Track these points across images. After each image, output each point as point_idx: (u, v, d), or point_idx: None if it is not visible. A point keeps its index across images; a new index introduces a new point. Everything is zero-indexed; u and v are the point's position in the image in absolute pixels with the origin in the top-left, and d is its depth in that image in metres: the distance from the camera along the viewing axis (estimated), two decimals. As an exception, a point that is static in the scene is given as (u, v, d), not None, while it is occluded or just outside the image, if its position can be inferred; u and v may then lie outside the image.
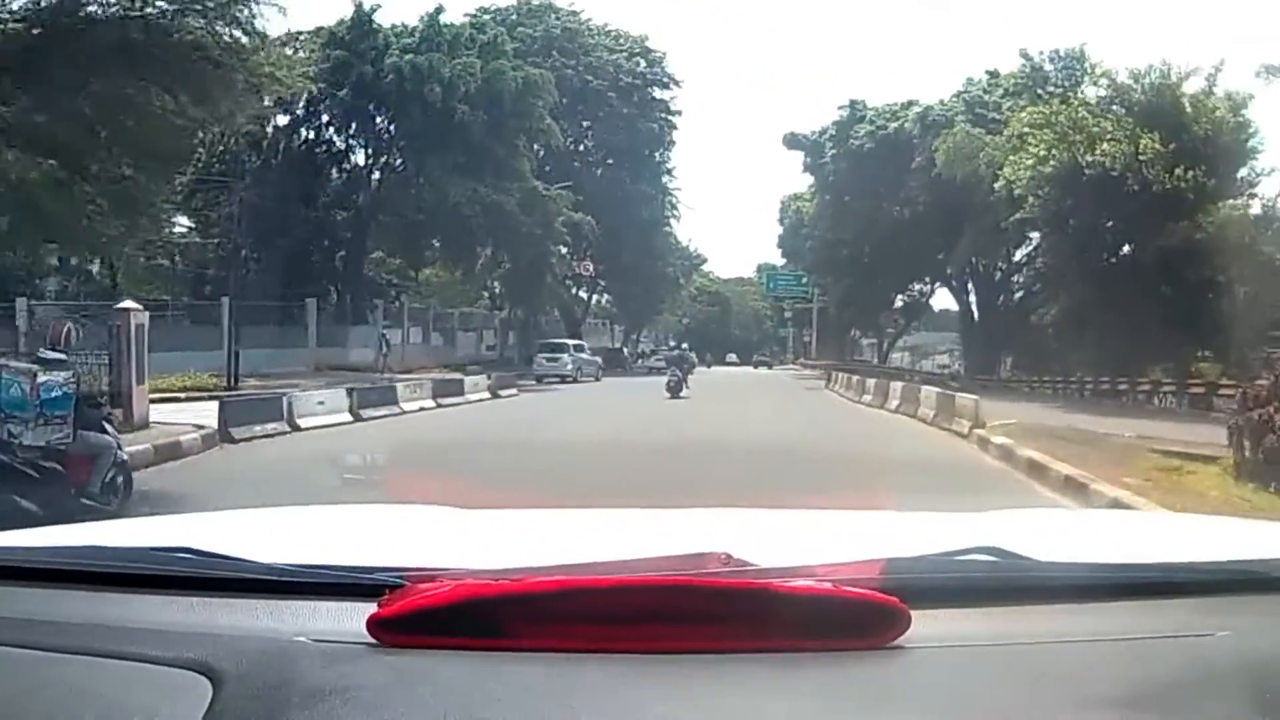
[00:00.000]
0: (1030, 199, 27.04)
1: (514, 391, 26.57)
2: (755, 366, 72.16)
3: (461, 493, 2.67)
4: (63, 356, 7.31)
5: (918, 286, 55.92)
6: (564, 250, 47.81)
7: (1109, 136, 25.49)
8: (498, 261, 42.80)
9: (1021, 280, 44.03)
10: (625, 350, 60.07)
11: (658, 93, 54.36)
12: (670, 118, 55.07)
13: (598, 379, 38.46)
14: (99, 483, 7.19)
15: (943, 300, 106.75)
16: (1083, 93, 30.12)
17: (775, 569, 1.14)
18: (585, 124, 52.36)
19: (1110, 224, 26.74)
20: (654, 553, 1.17)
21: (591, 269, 53.02)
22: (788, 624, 1.00)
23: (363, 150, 40.33)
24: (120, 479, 7.57)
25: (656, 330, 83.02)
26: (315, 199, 37.84)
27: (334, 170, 40.41)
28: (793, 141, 50.89)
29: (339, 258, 40.25)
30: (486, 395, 24.64)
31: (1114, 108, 27.04)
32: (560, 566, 1.13)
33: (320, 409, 16.24)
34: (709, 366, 61.21)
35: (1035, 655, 1.05)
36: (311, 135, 39.36)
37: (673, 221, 59.53)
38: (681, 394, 23.74)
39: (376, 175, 40.08)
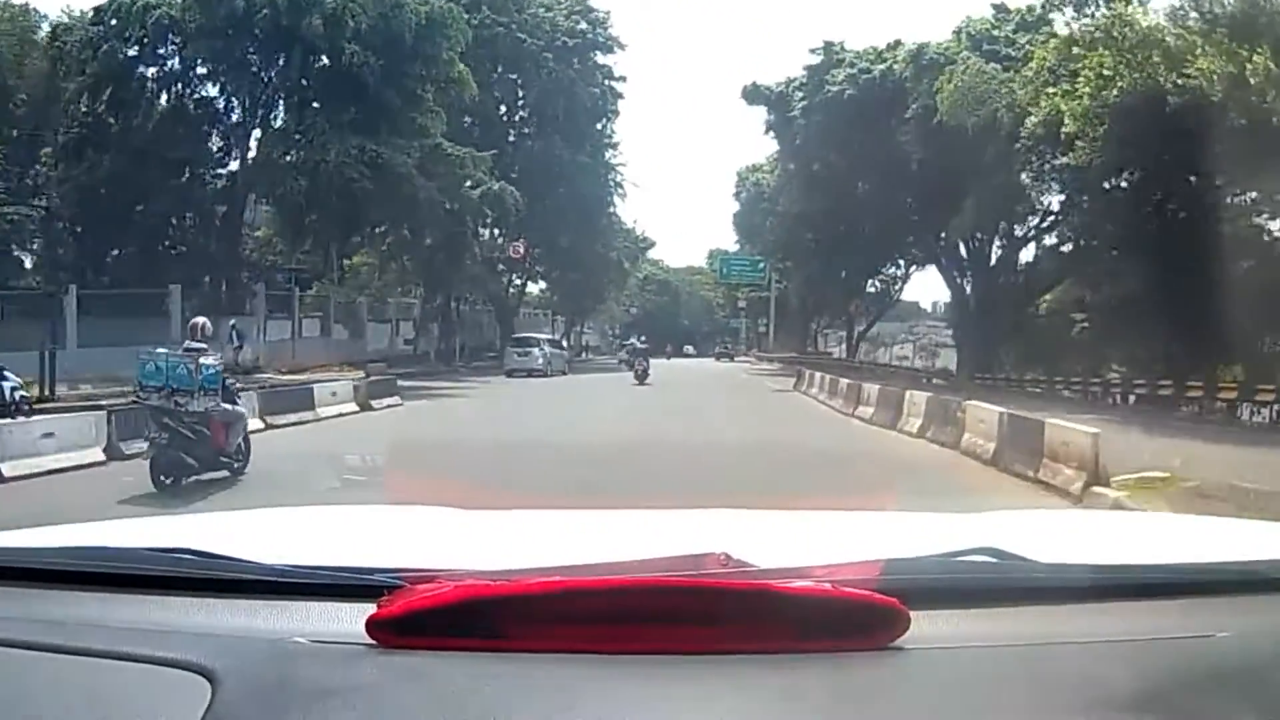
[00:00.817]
0: (1078, 142, 20.20)
1: (394, 401, 19.26)
2: (718, 359, 68.42)
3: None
4: (204, 345, 9.44)
5: (891, 270, 50.21)
6: (485, 226, 42.45)
7: (1202, 52, 17.95)
8: (408, 241, 35.94)
9: (1032, 257, 36.48)
10: (566, 343, 53.22)
11: (600, 57, 47.87)
12: (614, 85, 48.82)
13: (565, 373, 36.27)
14: (234, 445, 9.35)
15: (916, 287, 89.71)
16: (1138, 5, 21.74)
17: (775, 570, 1.14)
18: (518, 87, 46.20)
19: (1194, 177, 19.95)
20: (653, 553, 1.17)
21: (523, 251, 45.99)
22: (787, 625, 1.00)
23: (240, 105, 32.70)
24: (245, 444, 9.66)
25: (601, 321, 79.18)
26: (182, 166, 31.12)
27: (212, 131, 33.23)
28: (754, 95, 42.10)
29: (212, 236, 33.10)
30: (352, 408, 17.48)
31: (1190, 18, 19.49)
32: (559, 567, 1.13)
33: (47, 446, 10.31)
34: (668, 358, 56.82)
35: (1035, 656, 1.05)
36: (183, 89, 32.49)
37: (617, 201, 53.36)
38: (646, 381, 28.84)
39: (257, 135, 32.87)
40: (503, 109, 46.39)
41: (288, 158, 30.71)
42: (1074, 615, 1.15)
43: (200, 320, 10.17)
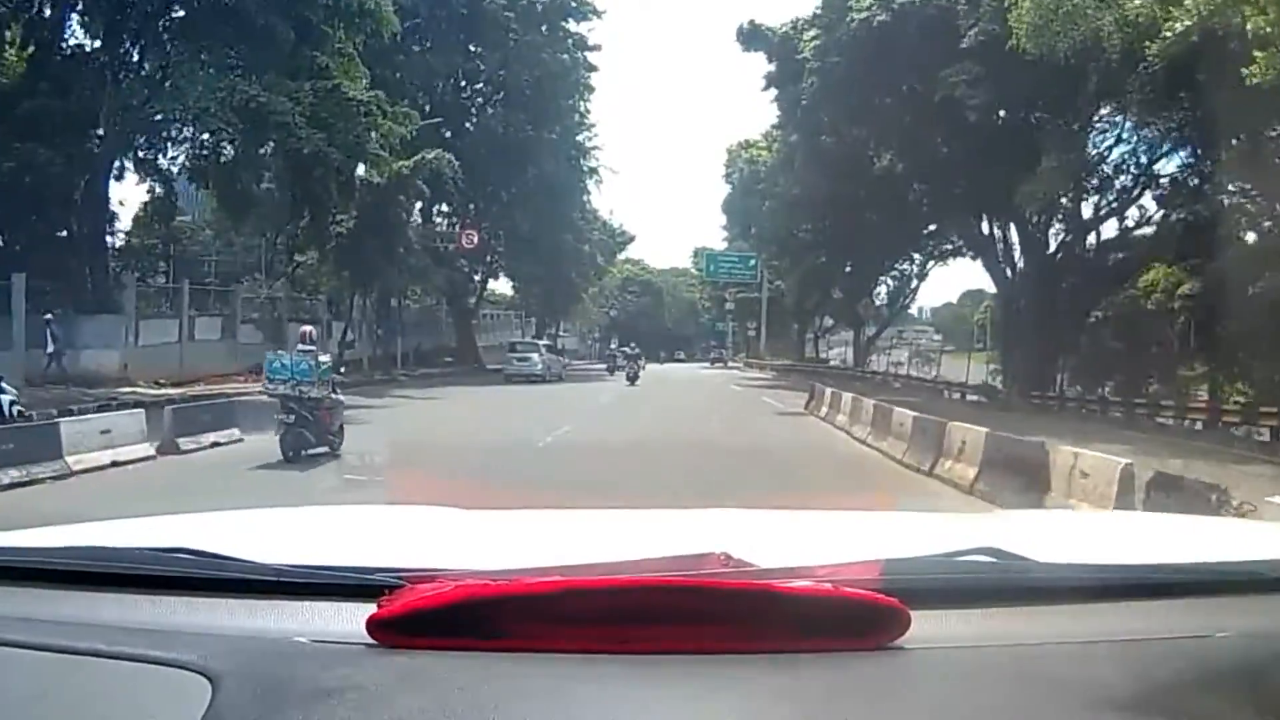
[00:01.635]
0: (1259, 53, 13.67)
1: (229, 436, 13.24)
2: (712, 364, 65.51)
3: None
4: (313, 348, 11.99)
5: (903, 266, 44.96)
6: (432, 208, 37.93)
7: None
8: (314, 220, 28.52)
9: (1103, 240, 27.67)
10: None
11: (573, 24, 42.24)
12: (587, 56, 43.34)
13: (561, 378, 35.73)
14: (336, 426, 11.89)
15: (936, 286, 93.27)
16: None
17: (775, 569, 1.14)
18: (476, 56, 40.19)
19: None
20: (654, 553, 1.17)
21: (476, 239, 39.44)
22: (787, 624, 1.00)
23: (107, 49, 24.71)
24: (341, 428, 12.08)
25: (580, 324, 73.97)
26: (34, 124, 22.14)
27: (75, 81, 24.24)
28: (753, 38, 32.59)
29: (73, 215, 24.95)
30: (142, 453, 11.65)
31: None
32: (560, 567, 1.13)
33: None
34: (660, 364, 56.27)
35: (1035, 656, 1.05)
36: (42, 32, 24.46)
37: (591, 188, 48.35)
38: (636, 382, 33.68)
39: (124, 83, 24.79)
40: (453, 80, 40.47)
41: (151, 108, 24.11)
42: (1074, 615, 1.15)
43: (308, 329, 13.09)
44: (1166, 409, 21.18)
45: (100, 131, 24.37)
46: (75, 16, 24.92)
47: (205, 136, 26.07)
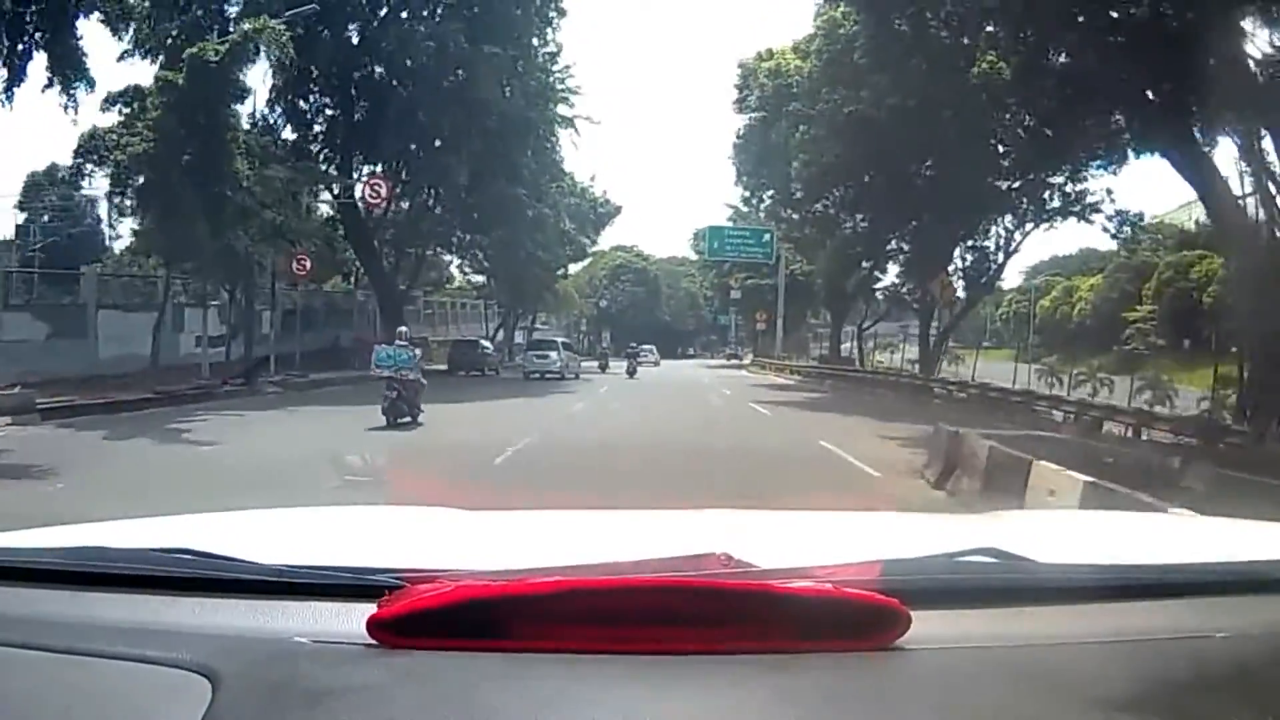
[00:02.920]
0: None
1: None
2: (728, 359, 59.92)
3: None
4: (407, 344, 16.27)
5: (988, 227, 30.50)
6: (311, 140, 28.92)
7: None
8: None
9: None
10: (486, 345, 38.88)
11: None
12: None
13: (577, 376, 34.42)
14: (419, 403, 15.63)
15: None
16: None
17: (775, 570, 1.14)
18: None
19: None
20: (654, 554, 1.17)
21: (384, 191, 30.56)
22: (788, 625, 1.00)
23: None
24: (420, 404, 15.74)
25: (560, 315, 63.10)
26: None
27: None
28: None
29: None
30: None
31: None
32: (560, 567, 1.13)
33: None
34: (656, 365, 49.75)
35: (1035, 656, 1.06)
36: None
37: (566, 141, 37.44)
38: (636, 375, 36.85)
39: None
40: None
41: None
42: (1074, 615, 1.15)
43: (403, 329, 17.51)
44: None
45: None
46: None
47: None
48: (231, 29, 22.93)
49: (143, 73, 45.95)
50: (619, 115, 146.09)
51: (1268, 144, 15.56)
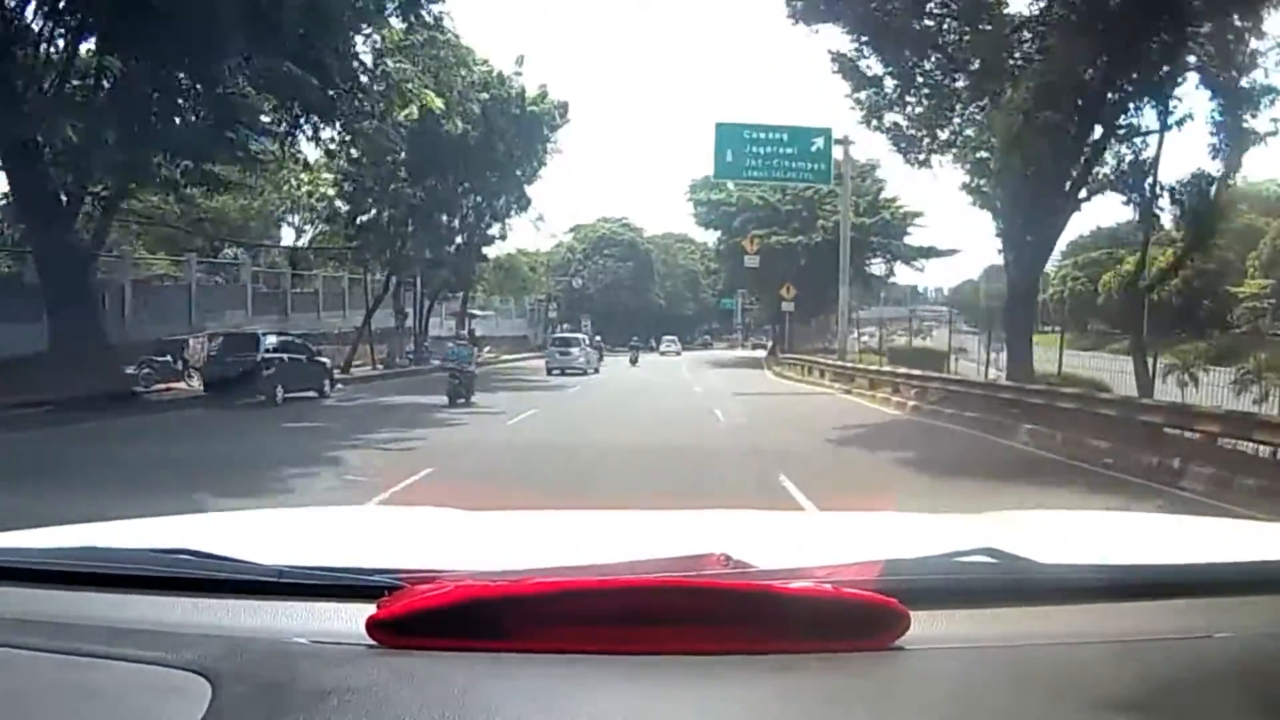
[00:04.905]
0: None
1: None
2: (752, 348, 49.56)
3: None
4: (466, 340, 23.99)
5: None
6: None
7: None
8: None
9: None
10: (291, 343, 21.98)
11: None
12: None
13: (598, 371, 34.03)
14: (473, 388, 20.36)
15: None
16: None
17: (775, 570, 1.14)
18: None
19: None
20: (653, 554, 1.17)
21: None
22: (787, 625, 1.00)
23: None
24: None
25: (513, 299, 50.03)
26: None
27: None
28: None
29: None
30: None
31: None
32: (559, 568, 1.13)
33: None
34: (632, 361, 41.50)
35: (1035, 657, 1.05)
36: None
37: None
38: (638, 364, 39.58)
39: None
40: None
41: None
42: (1074, 615, 1.15)
43: (463, 331, 23.06)
44: None
45: None
46: None
47: None
48: None
49: None
50: (611, 101, 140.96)
51: None
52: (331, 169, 28.48)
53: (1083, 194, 18.77)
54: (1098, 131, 18.04)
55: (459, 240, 34.90)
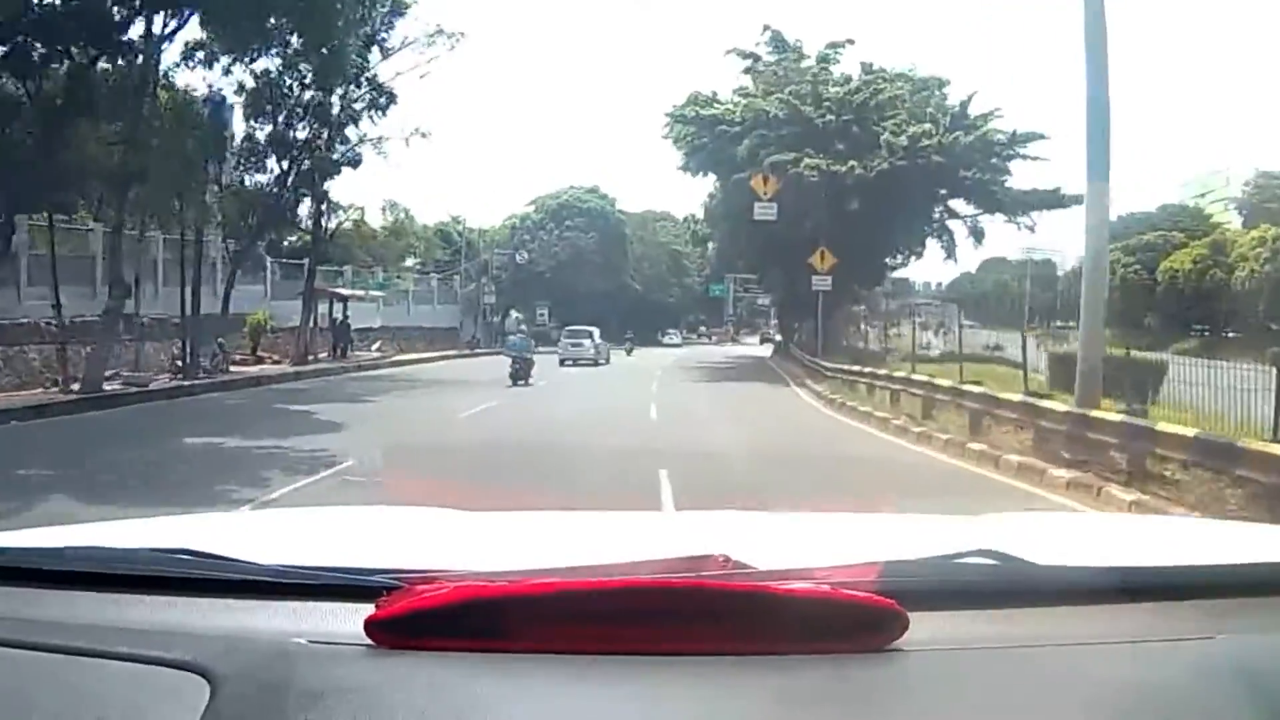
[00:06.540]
0: None
1: None
2: (761, 342, 44.10)
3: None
4: (524, 330, 33.48)
5: None
6: None
7: None
8: None
9: None
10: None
11: None
12: None
13: (608, 361, 34.02)
14: (531, 371, 24.73)
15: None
16: None
17: (773, 571, 1.14)
18: None
19: None
20: (653, 555, 1.17)
21: None
22: (786, 626, 1.00)
23: None
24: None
25: (460, 282, 42.60)
26: None
27: None
28: None
29: None
30: None
31: None
32: (559, 569, 1.13)
33: None
34: (630, 351, 38.34)
35: (1034, 658, 1.05)
36: None
37: None
38: (631, 355, 41.00)
39: None
40: None
41: None
42: (1073, 617, 1.15)
43: (523, 326, 33.45)
44: None
45: None
46: None
47: None
48: None
49: None
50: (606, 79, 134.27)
51: None
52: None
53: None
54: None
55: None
